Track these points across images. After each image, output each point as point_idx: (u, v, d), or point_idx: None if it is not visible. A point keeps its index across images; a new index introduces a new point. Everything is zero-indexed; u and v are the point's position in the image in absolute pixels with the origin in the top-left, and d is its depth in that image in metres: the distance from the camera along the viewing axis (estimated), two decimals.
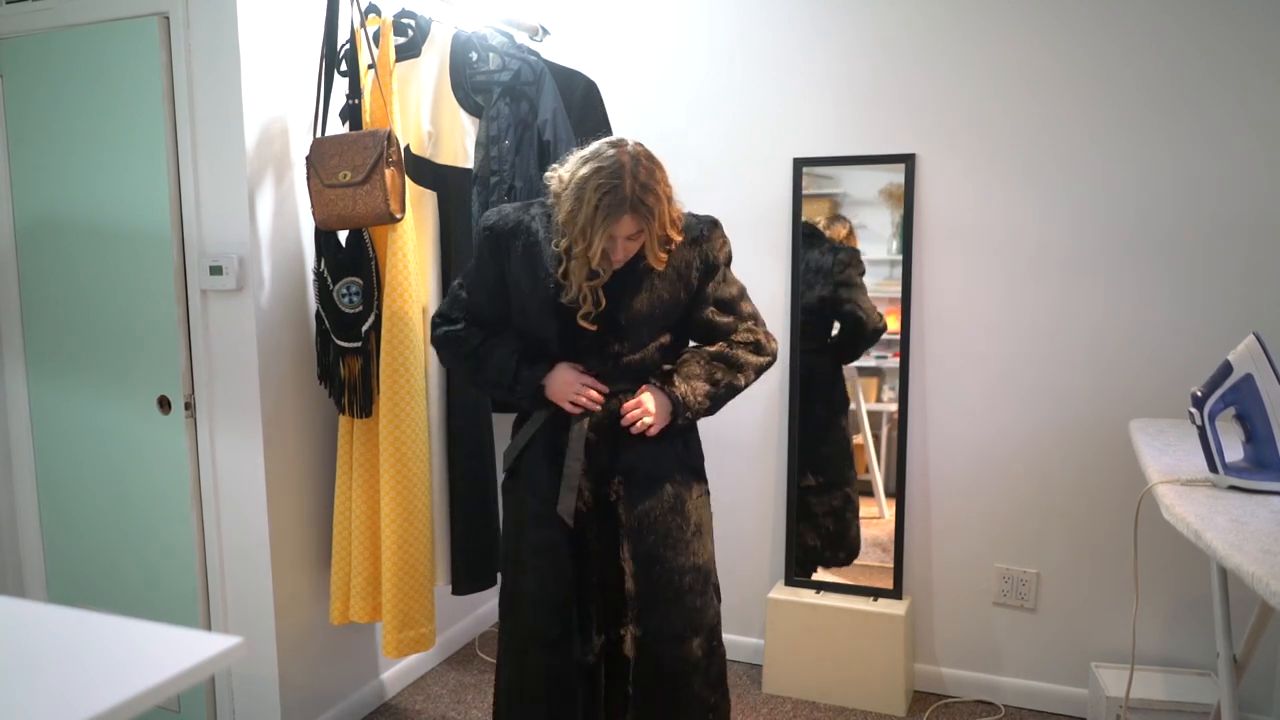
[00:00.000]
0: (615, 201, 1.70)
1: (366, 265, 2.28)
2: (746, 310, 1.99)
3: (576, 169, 1.76)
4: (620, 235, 1.75)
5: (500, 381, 1.91)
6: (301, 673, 2.44)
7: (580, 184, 1.73)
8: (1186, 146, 2.43)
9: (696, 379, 1.89)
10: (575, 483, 1.87)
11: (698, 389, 1.88)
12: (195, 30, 2.22)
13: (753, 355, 1.95)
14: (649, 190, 1.73)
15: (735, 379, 1.93)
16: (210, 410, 2.34)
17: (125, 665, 0.93)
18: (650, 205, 1.73)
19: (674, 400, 1.87)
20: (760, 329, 1.99)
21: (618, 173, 1.71)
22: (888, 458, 2.80)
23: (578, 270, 1.77)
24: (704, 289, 1.92)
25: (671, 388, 1.87)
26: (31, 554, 2.64)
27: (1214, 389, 1.67)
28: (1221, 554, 1.32)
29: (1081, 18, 2.48)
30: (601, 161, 1.73)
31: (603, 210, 1.70)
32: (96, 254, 2.41)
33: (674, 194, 1.81)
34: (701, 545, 1.95)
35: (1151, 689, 2.42)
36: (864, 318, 2.75)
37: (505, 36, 2.63)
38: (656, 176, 1.75)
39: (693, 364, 1.92)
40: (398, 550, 2.34)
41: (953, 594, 2.76)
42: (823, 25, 2.74)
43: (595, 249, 1.73)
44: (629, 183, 1.71)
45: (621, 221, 1.72)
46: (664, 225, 1.77)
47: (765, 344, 1.98)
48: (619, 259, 1.80)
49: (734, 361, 1.93)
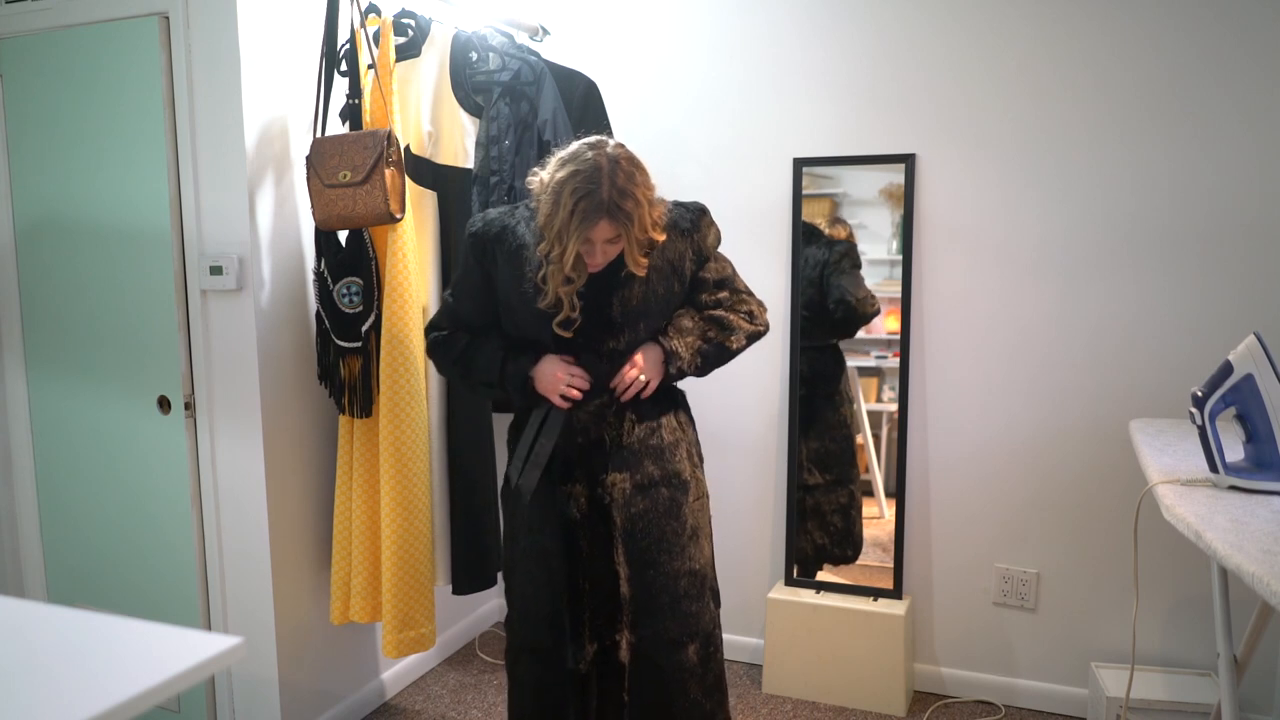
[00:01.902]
0: (591, 206, 1.67)
1: (366, 265, 2.28)
2: (739, 286, 1.98)
3: (555, 171, 1.73)
4: (597, 240, 1.72)
5: (489, 380, 1.88)
6: (301, 673, 2.44)
7: (558, 187, 1.70)
8: (1186, 146, 2.43)
9: (689, 334, 1.88)
10: (544, 461, 1.84)
11: (690, 343, 1.87)
12: (195, 30, 2.22)
13: (745, 322, 1.94)
14: (627, 195, 1.69)
15: (727, 340, 1.91)
16: (210, 410, 2.34)
17: (125, 665, 0.93)
18: (628, 210, 1.69)
19: (665, 351, 1.85)
20: (752, 300, 1.99)
21: (594, 177, 1.67)
22: (888, 458, 2.80)
23: (554, 275, 1.74)
24: (697, 276, 1.92)
25: (663, 339, 1.86)
26: (31, 554, 2.64)
27: (1214, 389, 1.67)
28: (1222, 554, 1.32)
29: (1081, 19, 2.48)
30: (579, 165, 1.69)
31: (578, 215, 1.67)
32: (96, 254, 2.41)
33: (655, 196, 1.77)
34: (698, 549, 1.92)
35: (1151, 689, 2.42)
36: (854, 304, 2.76)
37: (505, 36, 2.63)
38: (636, 180, 1.71)
39: (684, 319, 1.90)
40: (398, 550, 2.34)
41: (953, 594, 2.76)
42: (823, 25, 2.74)
43: (569, 254, 1.69)
44: (606, 187, 1.67)
45: (598, 226, 1.69)
46: (644, 229, 1.74)
47: (758, 314, 1.98)
48: (597, 264, 1.76)
49: (726, 323, 1.92)
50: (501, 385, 1.87)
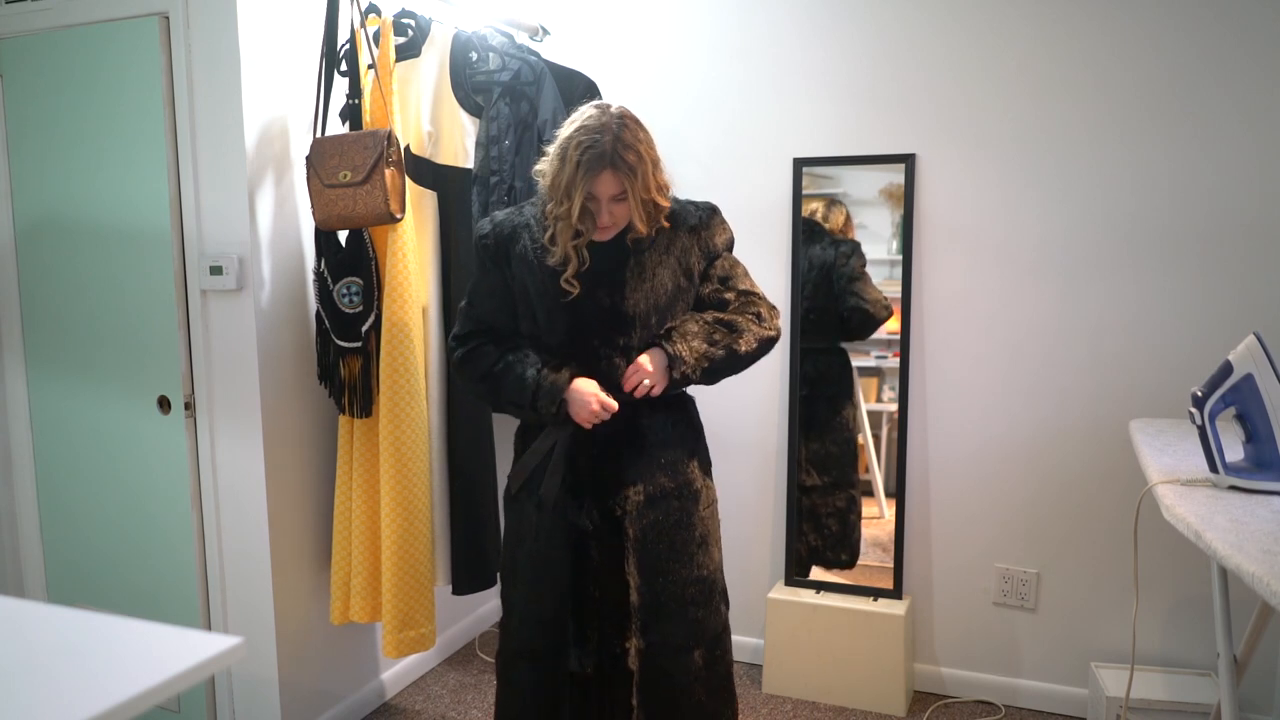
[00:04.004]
0: (595, 156, 1.70)
1: (366, 265, 2.28)
2: (748, 286, 1.94)
3: (562, 132, 1.78)
4: (603, 195, 1.74)
5: (519, 402, 1.85)
6: (301, 673, 2.44)
7: (564, 143, 1.75)
8: (1186, 146, 2.43)
9: (694, 338, 1.84)
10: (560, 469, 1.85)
11: (695, 347, 1.83)
12: (195, 30, 2.22)
13: (755, 325, 1.89)
14: (630, 148, 1.72)
15: (735, 344, 1.86)
16: (210, 410, 2.34)
17: (125, 665, 0.93)
18: (631, 163, 1.72)
19: (669, 356, 1.82)
20: (763, 303, 1.93)
21: (598, 129, 1.72)
22: (888, 458, 2.80)
23: (563, 231, 1.77)
24: (707, 273, 1.91)
25: (667, 344, 1.83)
26: (31, 554, 2.64)
27: (1214, 389, 1.67)
28: (1222, 554, 1.32)
29: (1081, 19, 2.48)
30: (584, 120, 1.75)
31: (584, 166, 1.71)
32: (96, 254, 2.41)
33: (659, 159, 1.80)
34: (708, 556, 1.93)
35: (1151, 689, 2.42)
36: (870, 309, 2.75)
37: (505, 36, 2.63)
38: (639, 136, 1.75)
39: (690, 323, 1.86)
40: (398, 550, 2.34)
41: (953, 594, 2.76)
42: (823, 25, 2.74)
43: (575, 206, 1.72)
44: (609, 139, 1.71)
45: (602, 177, 1.72)
46: (648, 188, 1.76)
47: (768, 317, 1.91)
48: (604, 222, 1.78)
49: (734, 326, 1.87)
50: (533, 405, 1.82)
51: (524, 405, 1.84)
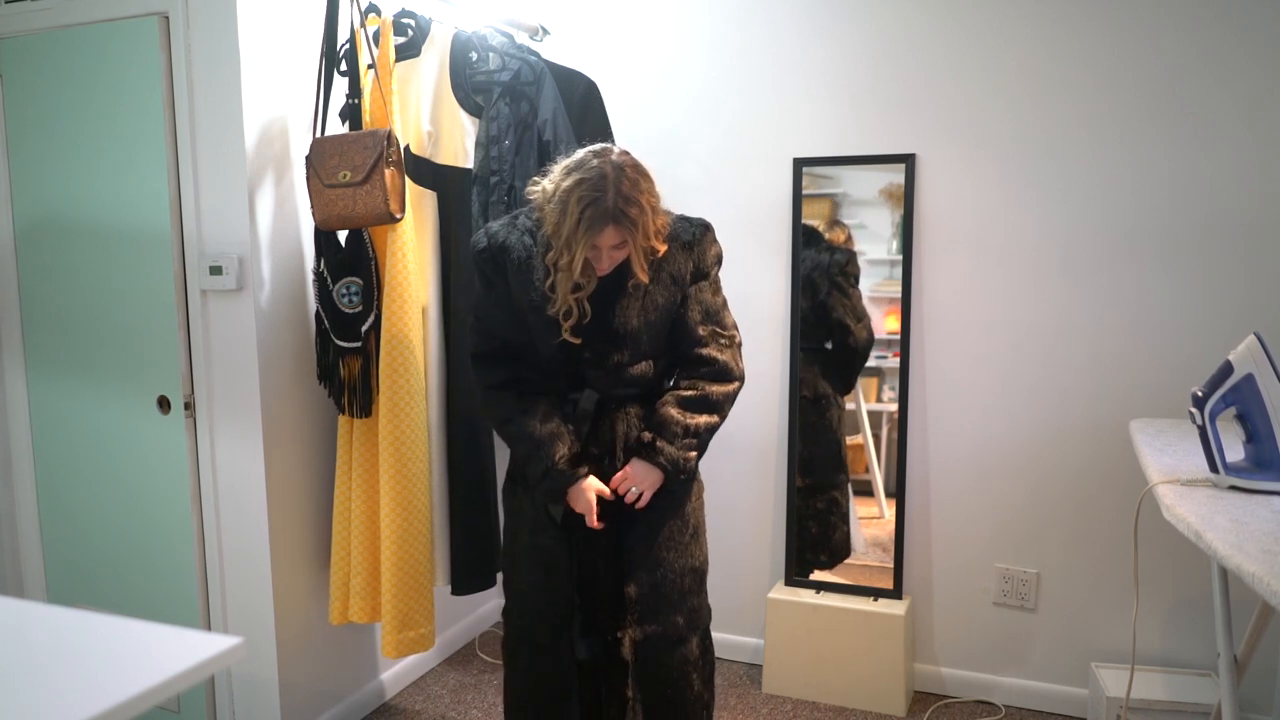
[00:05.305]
0: (598, 213, 1.69)
1: (366, 265, 2.28)
2: (726, 322, 1.94)
3: (561, 180, 1.75)
4: (604, 246, 1.75)
5: (527, 470, 1.90)
6: (301, 673, 2.44)
7: (564, 195, 1.73)
8: (1186, 146, 2.42)
9: (678, 438, 1.86)
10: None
11: (685, 446, 1.86)
12: (195, 30, 2.22)
13: (719, 385, 1.90)
14: (632, 202, 1.71)
15: (713, 419, 1.90)
16: (210, 410, 2.34)
17: (125, 665, 0.93)
18: (633, 217, 1.72)
19: (665, 471, 1.86)
20: (731, 348, 1.93)
21: (600, 184, 1.70)
22: (888, 458, 2.80)
23: (563, 282, 1.77)
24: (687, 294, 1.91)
25: (659, 458, 1.85)
26: (31, 554, 2.64)
27: (1215, 389, 1.67)
28: (1222, 554, 1.32)
29: (1081, 19, 2.48)
30: (585, 173, 1.72)
31: (585, 222, 1.70)
32: (96, 254, 2.41)
33: (659, 203, 1.80)
34: (699, 546, 1.98)
35: (1151, 689, 2.42)
36: (850, 327, 2.74)
37: (505, 36, 2.63)
38: (641, 187, 1.74)
39: (669, 418, 1.87)
40: (397, 550, 2.34)
41: (953, 594, 2.76)
42: (823, 25, 2.74)
43: (577, 260, 1.72)
44: (611, 194, 1.70)
45: (604, 233, 1.72)
46: (648, 236, 1.77)
47: (732, 367, 1.92)
48: (604, 268, 1.79)
49: (707, 402, 1.89)
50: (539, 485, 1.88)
51: (530, 477, 1.89)
